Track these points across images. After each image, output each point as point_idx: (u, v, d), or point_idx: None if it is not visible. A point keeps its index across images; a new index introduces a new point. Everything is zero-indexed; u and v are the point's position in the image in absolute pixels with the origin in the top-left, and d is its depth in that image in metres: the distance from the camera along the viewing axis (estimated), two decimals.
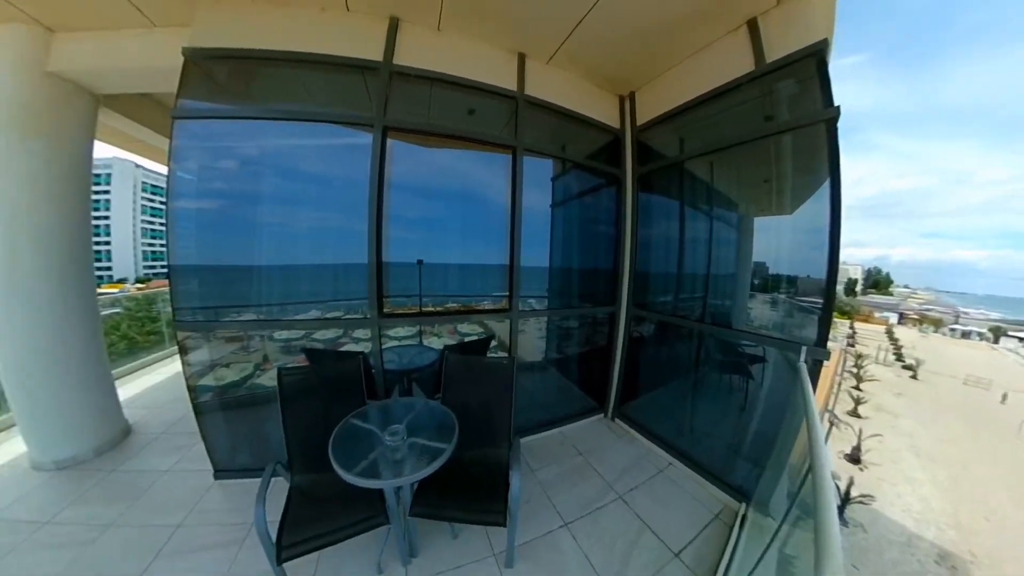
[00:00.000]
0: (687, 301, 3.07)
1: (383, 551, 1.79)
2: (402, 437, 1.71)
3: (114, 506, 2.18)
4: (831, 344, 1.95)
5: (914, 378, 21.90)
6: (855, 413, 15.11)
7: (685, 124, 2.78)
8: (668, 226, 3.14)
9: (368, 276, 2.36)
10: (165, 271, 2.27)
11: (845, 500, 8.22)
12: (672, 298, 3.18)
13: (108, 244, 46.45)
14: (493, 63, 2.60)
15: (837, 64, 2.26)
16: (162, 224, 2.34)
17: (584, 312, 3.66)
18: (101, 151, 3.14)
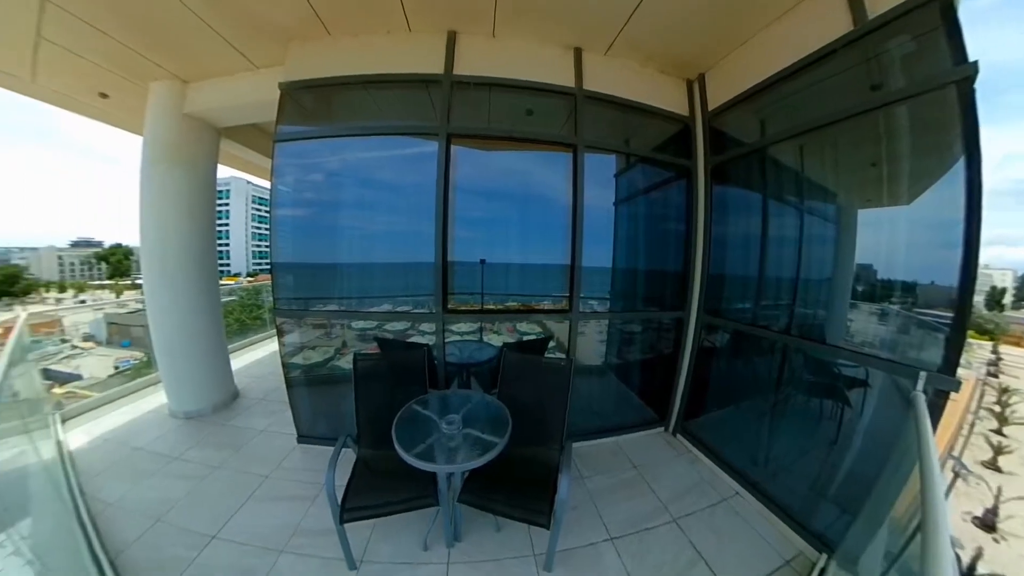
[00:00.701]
0: (770, 309, 2.68)
1: (430, 531, 1.90)
2: (458, 427, 1.81)
3: (222, 452, 2.73)
4: (963, 372, 1.54)
5: None
6: (993, 465, 11.40)
7: (767, 104, 2.43)
8: (747, 222, 2.76)
9: (434, 274, 2.53)
10: (268, 267, 2.74)
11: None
12: (751, 305, 2.79)
13: (227, 245, 57.91)
14: (549, 61, 2.59)
15: (969, 6, 1.70)
16: (267, 229, 2.88)
17: (649, 316, 3.43)
18: (222, 172, 3.90)
